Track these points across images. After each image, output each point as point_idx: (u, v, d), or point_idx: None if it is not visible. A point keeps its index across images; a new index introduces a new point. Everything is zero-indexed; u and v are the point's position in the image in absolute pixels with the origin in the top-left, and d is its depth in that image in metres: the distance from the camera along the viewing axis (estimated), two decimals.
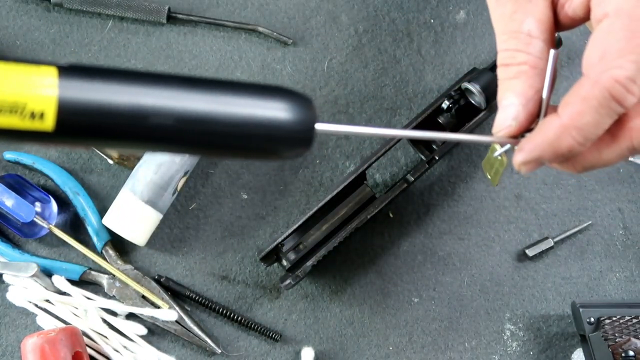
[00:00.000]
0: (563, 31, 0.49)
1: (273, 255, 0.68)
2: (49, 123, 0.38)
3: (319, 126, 0.44)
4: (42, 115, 0.37)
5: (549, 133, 0.44)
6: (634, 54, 0.42)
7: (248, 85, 0.44)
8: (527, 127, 0.46)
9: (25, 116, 0.37)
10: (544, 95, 0.46)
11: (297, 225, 0.68)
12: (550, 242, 0.72)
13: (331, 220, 0.69)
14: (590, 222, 0.73)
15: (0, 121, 0.37)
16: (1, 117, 0.37)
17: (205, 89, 0.42)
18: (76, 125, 0.38)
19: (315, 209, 0.68)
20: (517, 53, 0.46)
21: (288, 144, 0.43)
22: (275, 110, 0.42)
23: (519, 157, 0.46)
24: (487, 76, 0.68)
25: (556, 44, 0.47)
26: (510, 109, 0.46)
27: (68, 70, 0.38)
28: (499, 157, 0.49)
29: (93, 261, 0.71)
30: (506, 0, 0.46)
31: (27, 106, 0.37)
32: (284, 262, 0.68)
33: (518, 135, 0.46)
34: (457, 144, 0.70)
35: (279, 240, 0.68)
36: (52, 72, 0.38)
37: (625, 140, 0.45)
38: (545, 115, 0.46)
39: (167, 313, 0.70)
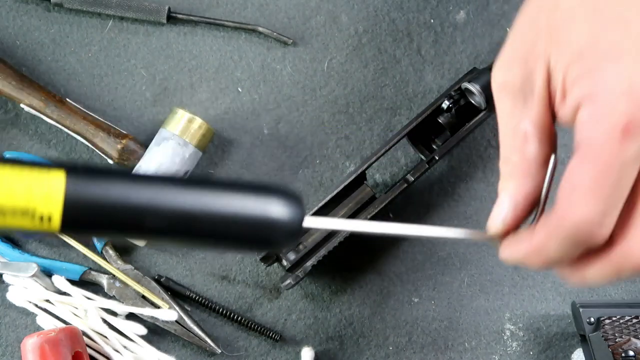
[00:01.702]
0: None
1: (273, 255, 0.68)
2: (55, 224, 0.41)
3: (307, 222, 0.45)
4: (49, 219, 0.41)
5: (522, 248, 0.45)
6: (600, 196, 0.41)
7: (240, 184, 0.46)
8: (515, 228, 0.46)
9: (35, 219, 0.41)
10: (542, 195, 0.46)
11: None
12: None
13: None
14: None
15: (13, 222, 0.41)
16: (14, 219, 0.41)
17: (199, 189, 0.44)
18: (79, 225, 0.42)
19: (315, 208, 0.68)
20: (512, 153, 0.46)
21: (279, 240, 0.45)
22: (267, 209, 0.44)
23: (502, 254, 0.46)
24: (487, 76, 0.68)
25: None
26: (501, 210, 0.46)
27: (73, 175, 0.42)
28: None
29: (93, 261, 0.71)
30: (505, 97, 0.46)
31: (37, 211, 0.41)
32: (284, 262, 0.68)
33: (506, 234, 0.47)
34: (457, 143, 0.70)
35: None
36: (60, 177, 0.41)
37: (609, 266, 0.43)
38: (539, 217, 0.46)
39: (167, 313, 0.70)
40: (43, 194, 0.41)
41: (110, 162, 0.71)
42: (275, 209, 0.44)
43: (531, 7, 0.47)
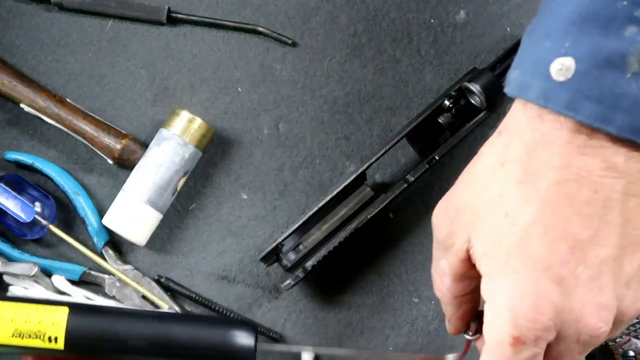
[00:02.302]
0: None
1: (273, 255, 0.68)
2: (60, 344, 0.58)
3: (260, 348, 0.60)
4: (56, 339, 0.58)
5: None
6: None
7: (204, 318, 0.65)
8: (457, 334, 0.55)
9: (44, 340, 0.58)
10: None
11: (297, 225, 0.68)
12: None
13: (331, 220, 0.69)
14: None
15: (29, 343, 0.58)
16: (30, 340, 0.58)
17: (167, 321, 0.60)
18: (79, 346, 0.59)
19: (315, 209, 0.68)
20: (434, 279, 0.52)
21: None
22: (228, 339, 0.60)
23: None
24: (487, 76, 0.68)
25: None
26: (447, 324, 0.55)
27: (74, 310, 0.59)
28: None
29: (93, 261, 0.71)
30: (435, 236, 0.51)
31: (46, 334, 0.58)
32: (284, 262, 0.68)
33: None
34: (457, 144, 0.70)
35: (279, 240, 0.68)
36: (64, 311, 0.59)
37: None
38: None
39: None
40: (52, 322, 0.59)
41: (110, 162, 0.71)
42: (234, 339, 0.60)
43: (478, 171, 0.49)
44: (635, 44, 0.41)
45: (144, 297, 0.71)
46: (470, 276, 0.50)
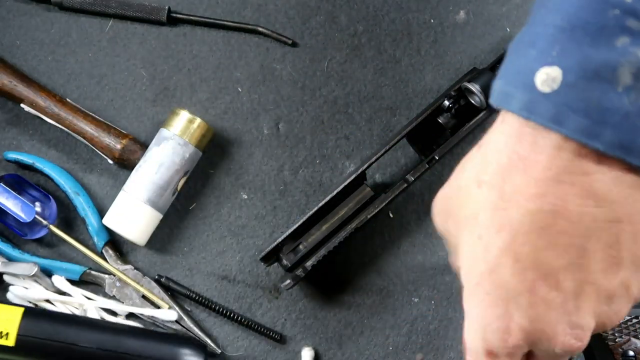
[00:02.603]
0: None
1: (273, 256, 0.68)
2: (11, 341, 0.62)
3: None
4: (7, 335, 0.62)
5: None
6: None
7: (153, 332, 0.67)
8: None
9: None
10: None
11: (297, 225, 0.68)
12: None
13: (331, 220, 0.69)
14: None
15: None
16: None
17: (123, 334, 0.65)
18: (29, 344, 0.62)
19: (315, 208, 0.68)
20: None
21: None
22: (176, 355, 0.65)
23: None
24: (487, 76, 0.68)
25: None
26: None
27: (29, 312, 0.63)
28: None
29: (93, 261, 0.71)
30: (436, 223, 0.50)
31: None
32: (284, 262, 0.68)
33: None
34: (457, 143, 0.70)
35: (279, 240, 0.68)
36: (19, 311, 0.63)
37: None
38: None
39: (167, 313, 0.70)
40: (6, 318, 0.62)
41: (110, 162, 0.71)
42: (183, 357, 0.65)
43: (462, 183, 0.47)
44: (626, 56, 0.39)
45: (144, 297, 0.71)
46: None
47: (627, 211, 0.41)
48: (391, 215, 0.73)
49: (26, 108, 0.70)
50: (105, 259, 0.71)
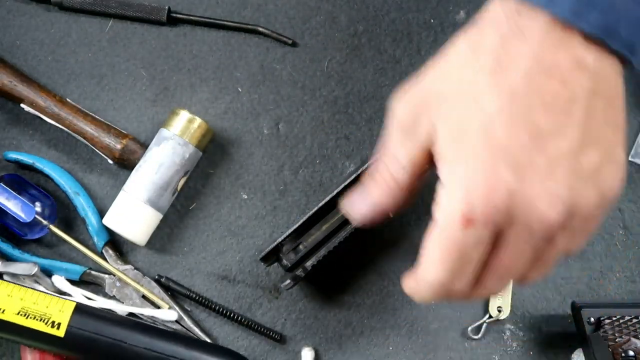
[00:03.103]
0: None
1: (273, 256, 0.68)
2: (61, 332, 0.63)
3: None
4: (59, 325, 0.63)
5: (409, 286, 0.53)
6: (445, 267, 0.48)
7: (199, 342, 0.67)
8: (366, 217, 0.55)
9: (48, 324, 0.63)
10: None
11: (297, 225, 0.68)
12: None
13: (331, 220, 0.69)
14: None
15: (31, 324, 0.63)
16: (33, 322, 0.63)
17: (171, 340, 0.66)
18: (78, 337, 0.63)
19: (315, 208, 0.68)
20: (380, 167, 0.53)
21: None
22: None
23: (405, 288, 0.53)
24: None
25: None
26: (360, 202, 0.55)
27: (81, 306, 0.65)
28: None
29: (93, 261, 0.71)
30: (396, 130, 0.51)
31: (51, 318, 0.63)
32: (284, 262, 0.68)
33: None
34: None
35: (279, 240, 0.68)
36: (72, 304, 0.64)
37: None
38: None
39: (167, 313, 0.70)
40: (59, 309, 0.64)
41: (110, 162, 0.71)
42: None
43: (451, 59, 0.50)
44: None
45: (144, 297, 0.71)
46: (423, 170, 0.51)
47: (604, 88, 0.45)
48: (391, 215, 0.73)
49: (26, 108, 0.70)
50: (105, 259, 0.71)
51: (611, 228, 0.73)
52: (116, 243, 0.72)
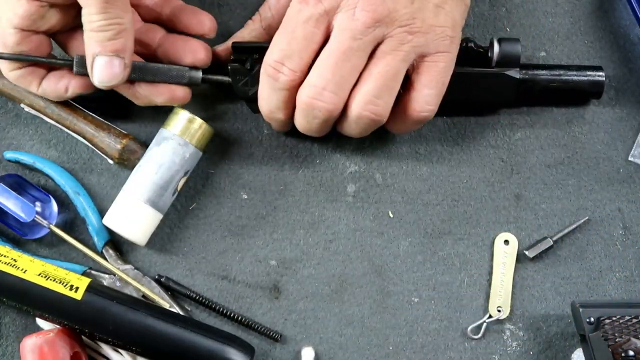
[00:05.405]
0: None
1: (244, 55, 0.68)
2: (79, 294, 0.65)
3: None
4: (77, 289, 0.65)
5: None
6: (281, 44, 0.62)
7: (205, 327, 0.67)
8: None
9: (67, 286, 0.65)
10: None
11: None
12: (549, 242, 0.72)
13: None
14: (587, 217, 0.73)
15: (50, 285, 0.65)
16: (52, 283, 0.65)
17: (174, 323, 0.66)
18: (94, 302, 0.65)
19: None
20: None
21: None
22: (224, 353, 0.66)
23: None
24: (515, 47, 0.68)
25: None
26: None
27: (94, 282, 0.67)
28: None
29: (93, 261, 0.71)
30: None
31: (70, 282, 0.65)
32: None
33: None
34: (455, 82, 0.68)
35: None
36: (86, 280, 0.66)
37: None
38: None
39: None
40: (77, 277, 0.66)
41: (111, 162, 0.71)
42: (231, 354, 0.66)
43: None
44: None
45: (144, 297, 0.71)
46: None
47: None
48: (391, 215, 0.73)
49: (26, 108, 0.70)
50: (105, 259, 0.71)
51: (611, 228, 0.73)
52: (116, 243, 0.72)
